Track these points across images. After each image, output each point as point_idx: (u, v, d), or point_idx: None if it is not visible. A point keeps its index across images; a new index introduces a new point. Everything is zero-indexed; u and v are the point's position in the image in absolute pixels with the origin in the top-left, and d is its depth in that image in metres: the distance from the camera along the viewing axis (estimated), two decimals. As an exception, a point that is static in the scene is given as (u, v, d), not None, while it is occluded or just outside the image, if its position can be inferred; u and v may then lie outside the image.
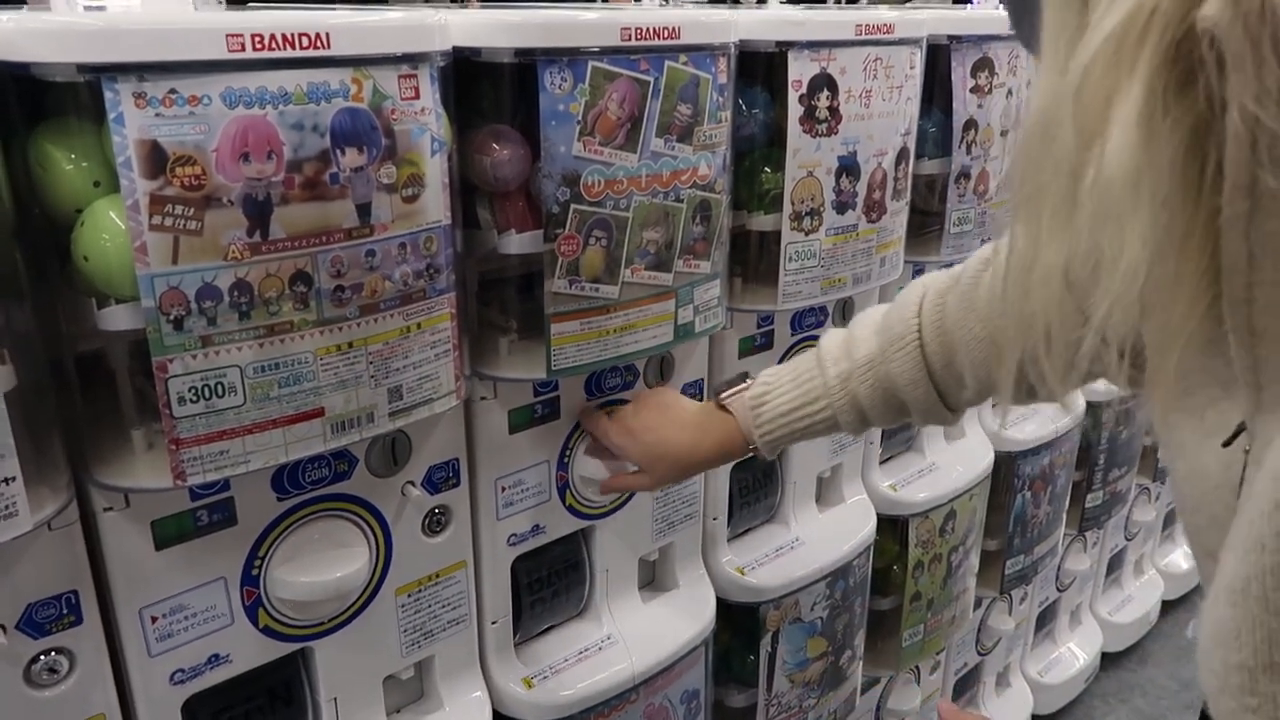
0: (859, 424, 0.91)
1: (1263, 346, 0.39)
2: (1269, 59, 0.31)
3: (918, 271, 1.29)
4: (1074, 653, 2.17)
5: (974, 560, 1.65)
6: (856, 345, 0.90)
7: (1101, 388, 1.70)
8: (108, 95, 0.62)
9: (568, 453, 1.05)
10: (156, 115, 0.63)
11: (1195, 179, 0.36)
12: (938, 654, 1.72)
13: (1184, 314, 0.39)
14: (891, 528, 1.48)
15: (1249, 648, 0.38)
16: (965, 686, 1.90)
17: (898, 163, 1.16)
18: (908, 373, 0.86)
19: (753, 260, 1.14)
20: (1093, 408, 1.86)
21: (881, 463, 1.52)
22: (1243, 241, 0.36)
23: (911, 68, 1.14)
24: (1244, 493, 0.41)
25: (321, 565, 0.86)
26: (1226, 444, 0.45)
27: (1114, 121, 0.34)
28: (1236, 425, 0.45)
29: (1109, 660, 2.28)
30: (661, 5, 1.22)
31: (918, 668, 1.70)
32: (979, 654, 1.89)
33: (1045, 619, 2.10)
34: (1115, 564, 2.32)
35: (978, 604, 1.78)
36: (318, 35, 0.68)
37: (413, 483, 0.92)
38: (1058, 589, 2.09)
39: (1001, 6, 0.42)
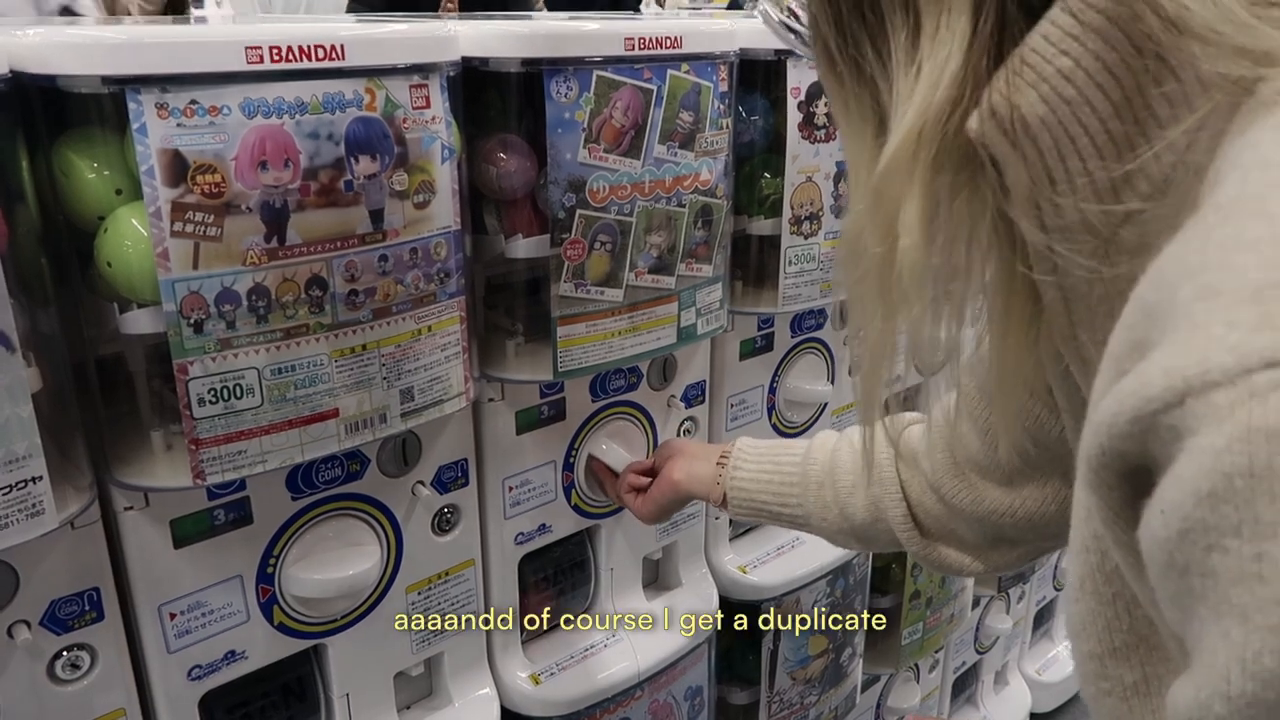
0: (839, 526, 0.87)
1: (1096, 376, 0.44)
2: (1030, 155, 0.38)
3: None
4: (1072, 651, 2.18)
5: (972, 559, 1.66)
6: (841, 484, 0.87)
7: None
8: (131, 106, 0.64)
9: (573, 453, 1.07)
10: (178, 125, 0.65)
11: (1009, 241, 0.42)
12: (936, 652, 1.74)
13: (1018, 356, 0.46)
14: (891, 527, 1.50)
15: (1094, 637, 0.42)
16: (964, 685, 1.92)
17: (895, 167, 1.18)
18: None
19: (753, 264, 1.16)
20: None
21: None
22: (1056, 292, 0.42)
23: (908, 74, 1.16)
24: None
25: (334, 563, 0.88)
26: None
27: (901, 225, 0.41)
28: None
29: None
30: (657, 15, 1.24)
31: (917, 666, 1.72)
32: (977, 652, 1.91)
33: (1043, 618, 2.12)
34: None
35: (976, 603, 1.80)
36: (333, 47, 0.70)
37: (423, 483, 0.94)
38: (1055, 588, 2.11)
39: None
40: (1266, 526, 0.26)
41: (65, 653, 0.76)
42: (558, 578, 1.13)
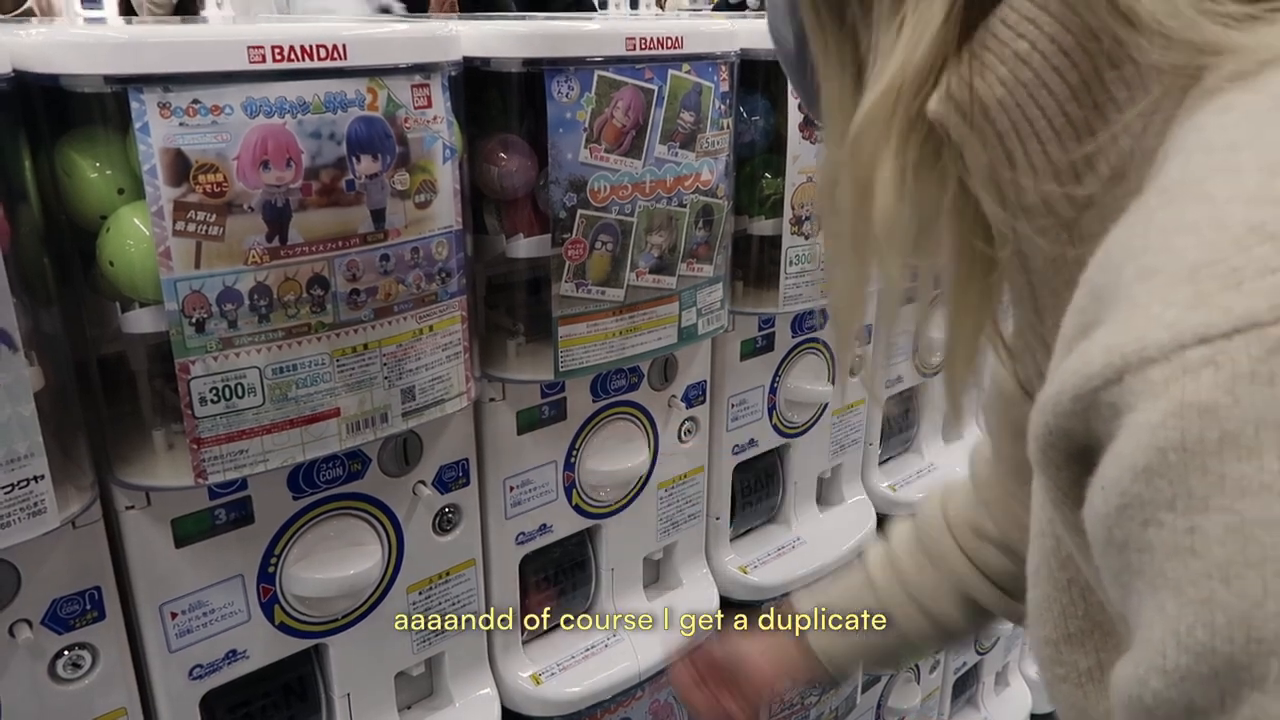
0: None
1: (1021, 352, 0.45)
2: (989, 138, 0.38)
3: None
4: (1072, 652, 2.18)
5: (973, 560, 1.66)
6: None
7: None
8: (134, 105, 0.64)
9: (574, 453, 1.07)
10: (180, 125, 0.65)
11: (972, 217, 0.42)
12: (937, 653, 1.74)
13: (975, 325, 0.46)
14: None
15: (1049, 623, 0.42)
16: (964, 685, 1.92)
17: (895, 168, 1.18)
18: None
19: (754, 264, 1.16)
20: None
21: (881, 463, 1.54)
22: (1022, 276, 0.42)
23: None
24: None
25: (335, 563, 0.88)
26: None
27: (877, 182, 0.41)
28: None
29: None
30: (658, 16, 1.24)
31: (917, 666, 1.72)
32: (978, 653, 1.91)
33: (1044, 619, 2.12)
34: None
35: (977, 603, 1.80)
36: (335, 47, 0.70)
37: (424, 482, 0.94)
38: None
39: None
40: (1198, 500, 0.26)
41: (66, 652, 0.76)
42: (558, 578, 1.13)
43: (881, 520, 1.46)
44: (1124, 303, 0.29)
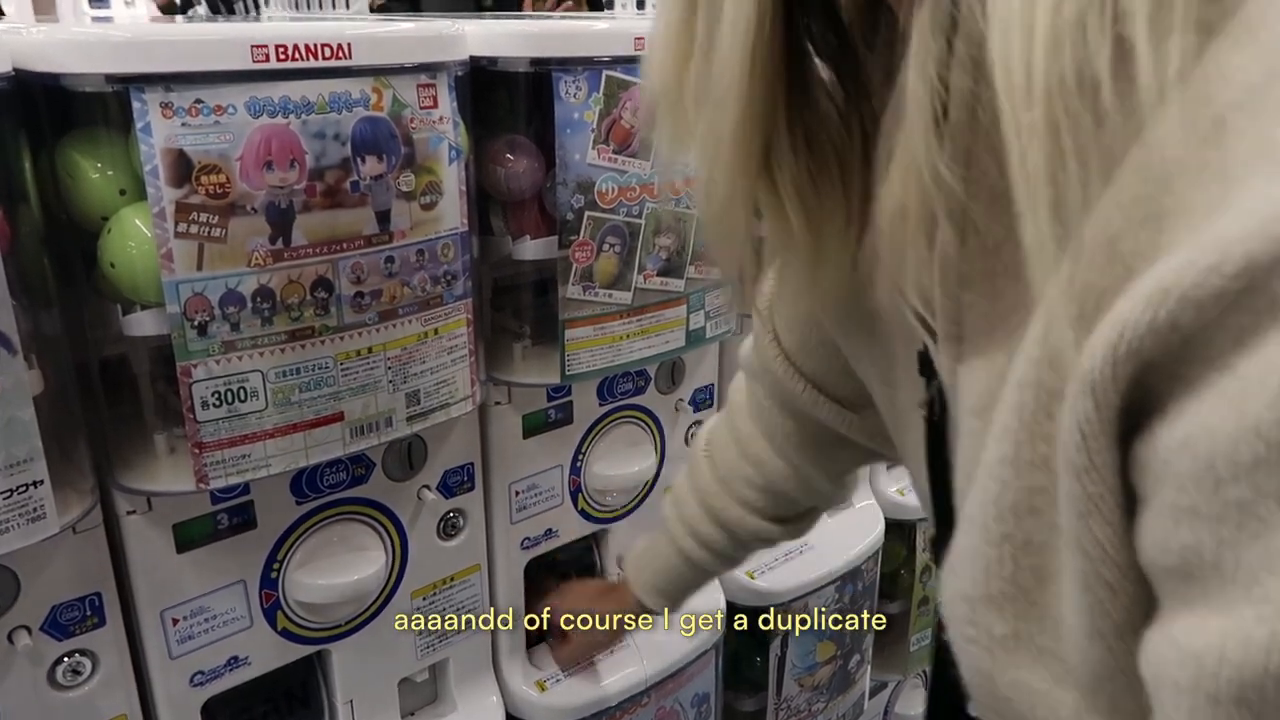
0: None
1: (969, 292, 0.39)
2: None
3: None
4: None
5: (981, 565, 1.65)
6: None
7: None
8: (135, 105, 0.63)
9: (580, 457, 1.06)
10: (183, 125, 0.64)
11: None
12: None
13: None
14: (899, 532, 1.49)
15: (969, 578, 0.39)
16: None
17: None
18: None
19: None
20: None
21: (889, 468, 1.52)
22: (959, 184, 0.36)
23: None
24: (958, 433, 0.42)
25: (339, 568, 0.87)
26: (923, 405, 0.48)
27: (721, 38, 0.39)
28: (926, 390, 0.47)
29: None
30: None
31: (925, 672, 1.71)
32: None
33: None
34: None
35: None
36: (339, 46, 0.69)
37: (428, 487, 0.93)
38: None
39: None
40: None
41: (66, 658, 0.75)
42: (564, 583, 1.11)
43: (889, 525, 1.45)
44: (1258, 179, 0.25)
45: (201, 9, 1.86)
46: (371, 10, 1.83)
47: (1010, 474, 0.36)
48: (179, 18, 1.69)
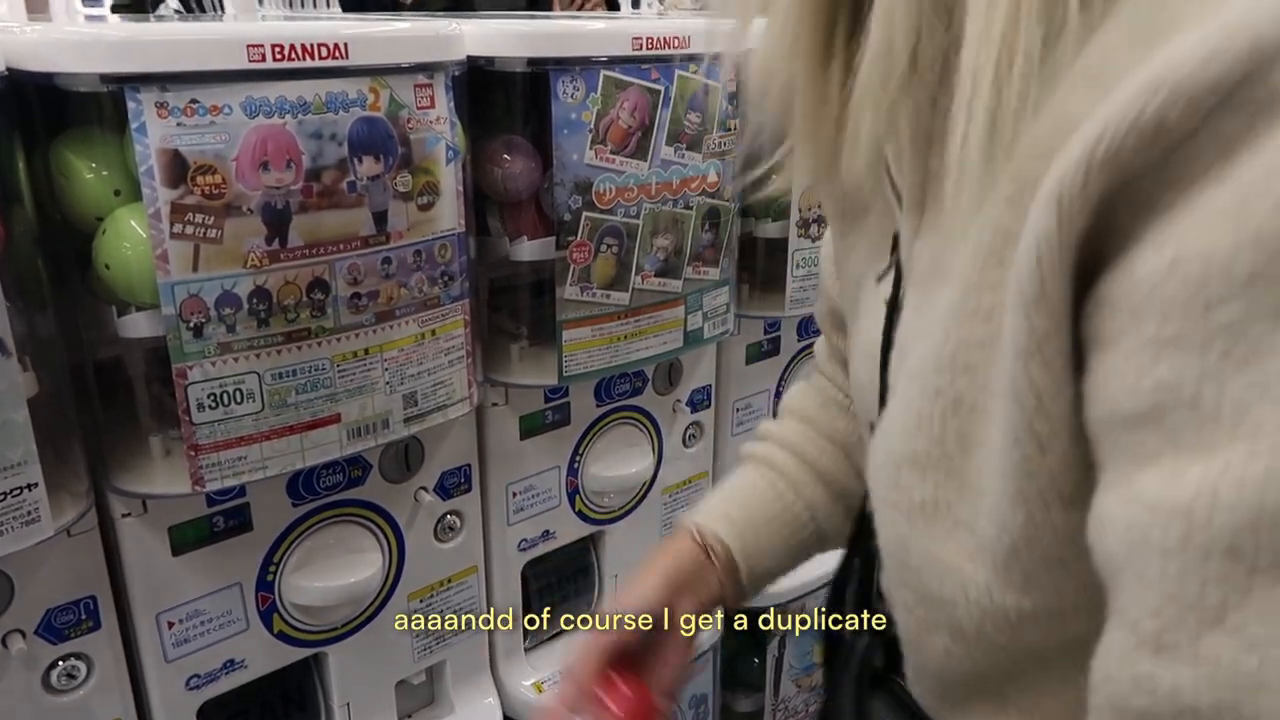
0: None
1: (936, 158, 0.37)
2: None
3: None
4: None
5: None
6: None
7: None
8: (130, 105, 0.62)
9: (578, 458, 1.06)
10: (178, 125, 0.64)
11: None
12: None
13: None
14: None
15: (899, 435, 0.38)
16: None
17: (903, 170, 1.17)
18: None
19: (760, 267, 1.15)
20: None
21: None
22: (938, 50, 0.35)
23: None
24: (903, 309, 0.41)
25: (335, 570, 0.86)
26: (880, 279, 0.46)
27: None
28: (888, 263, 0.45)
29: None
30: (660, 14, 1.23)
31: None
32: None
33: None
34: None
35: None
36: (336, 46, 0.69)
37: (425, 488, 0.92)
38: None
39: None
40: None
41: (61, 662, 0.75)
42: (561, 584, 1.11)
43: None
44: None
45: (173, 2, 1.85)
46: (407, 8, 1.82)
47: (952, 324, 0.35)
48: (151, 15, 1.68)
